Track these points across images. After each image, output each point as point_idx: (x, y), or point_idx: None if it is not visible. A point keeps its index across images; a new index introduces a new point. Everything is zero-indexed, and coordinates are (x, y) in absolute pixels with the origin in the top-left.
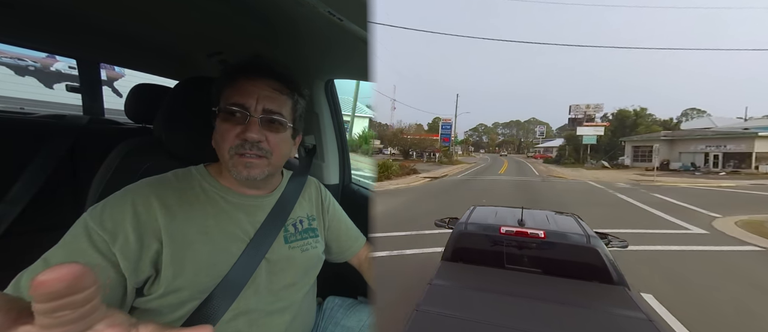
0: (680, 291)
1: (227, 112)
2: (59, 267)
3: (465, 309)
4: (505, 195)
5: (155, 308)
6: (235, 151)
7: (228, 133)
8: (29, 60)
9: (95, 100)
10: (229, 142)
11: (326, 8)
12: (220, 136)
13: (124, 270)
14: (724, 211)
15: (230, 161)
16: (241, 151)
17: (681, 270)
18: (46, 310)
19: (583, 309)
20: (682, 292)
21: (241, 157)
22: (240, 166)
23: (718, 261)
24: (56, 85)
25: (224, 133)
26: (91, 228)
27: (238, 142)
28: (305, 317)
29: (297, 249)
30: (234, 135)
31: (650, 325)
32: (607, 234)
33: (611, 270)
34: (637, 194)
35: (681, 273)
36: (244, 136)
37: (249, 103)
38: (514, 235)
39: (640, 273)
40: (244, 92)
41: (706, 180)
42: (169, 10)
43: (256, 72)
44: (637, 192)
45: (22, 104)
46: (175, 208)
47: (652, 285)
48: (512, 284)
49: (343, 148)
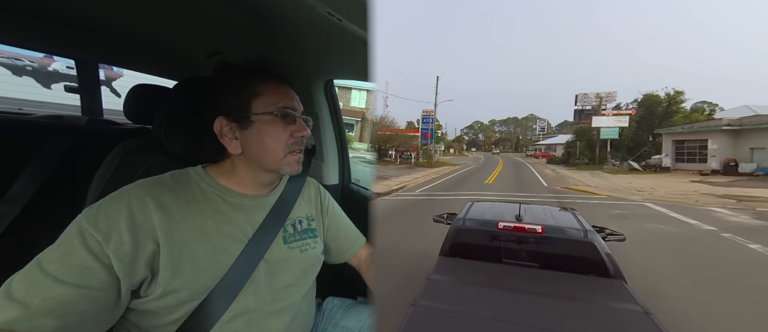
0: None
1: (283, 115)
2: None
3: (463, 303)
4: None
5: (153, 309)
6: (290, 149)
7: (282, 133)
8: (27, 60)
9: (94, 100)
10: (285, 141)
11: (326, 8)
12: (273, 137)
13: (117, 271)
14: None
15: (284, 159)
16: (295, 149)
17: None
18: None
19: (581, 303)
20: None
21: (294, 154)
22: (293, 163)
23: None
24: (54, 85)
25: (279, 134)
26: (85, 229)
27: (293, 140)
28: (304, 317)
29: (296, 250)
30: (288, 134)
31: (647, 318)
32: (604, 229)
33: (608, 264)
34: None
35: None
36: (300, 134)
37: (295, 105)
38: (512, 230)
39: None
40: (286, 95)
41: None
42: (168, 10)
43: (279, 76)
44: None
45: (20, 104)
46: (172, 209)
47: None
48: (510, 279)
49: (343, 149)
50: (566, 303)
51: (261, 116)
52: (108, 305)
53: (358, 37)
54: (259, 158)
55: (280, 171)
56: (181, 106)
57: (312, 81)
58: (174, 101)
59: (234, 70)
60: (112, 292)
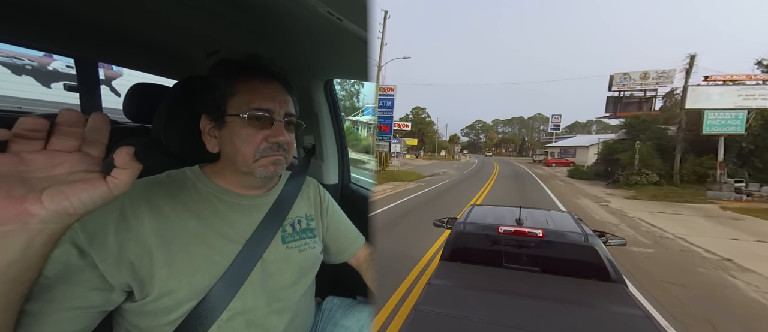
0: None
1: (254, 117)
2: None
3: (464, 308)
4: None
5: (151, 310)
6: (262, 153)
7: (253, 137)
8: (26, 59)
9: (93, 99)
10: (255, 146)
11: (326, 8)
12: (243, 140)
13: (103, 272)
14: None
15: (254, 164)
16: (268, 153)
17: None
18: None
19: (582, 307)
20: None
21: (268, 157)
22: (268, 166)
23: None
24: (53, 83)
25: (249, 138)
26: (73, 227)
27: (266, 145)
28: (304, 317)
29: (294, 250)
30: (260, 138)
31: (648, 322)
32: (604, 233)
33: (609, 268)
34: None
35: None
36: (275, 139)
37: (274, 106)
38: (513, 234)
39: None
40: (266, 96)
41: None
42: (168, 8)
43: (269, 74)
44: None
45: (19, 103)
46: (167, 210)
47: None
48: (511, 283)
49: (343, 148)
50: (567, 308)
51: (233, 118)
52: (95, 304)
53: (358, 37)
54: (232, 159)
55: (254, 174)
56: (180, 106)
57: (312, 80)
58: (173, 100)
59: (221, 65)
60: (101, 291)
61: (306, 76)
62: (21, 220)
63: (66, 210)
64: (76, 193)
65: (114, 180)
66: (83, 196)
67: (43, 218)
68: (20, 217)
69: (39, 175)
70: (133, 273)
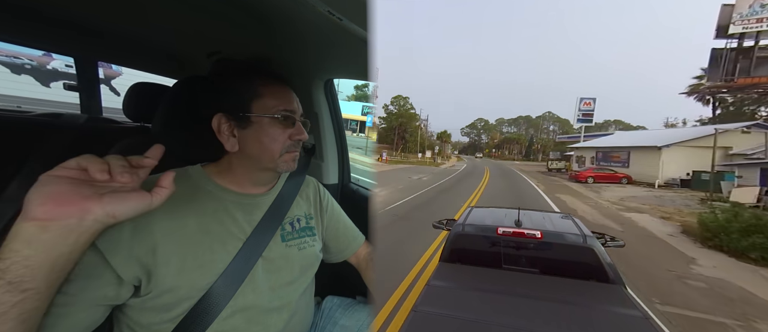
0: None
1: (283, 117)
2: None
3: (463, 309)
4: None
5: (152, 306)
6: (287, 150)
7: (280, 135)
8: (25, 58)
9: (93, 98)
10: (281, 143)
11: (326, 8)
12: (271, 138)
13: (114, 267)
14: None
15: (280, 159)
16: (291, 150)
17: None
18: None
19: (581, 308)
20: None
21: (290, 153)
22: (290, 161)
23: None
24: (53, 83)
25: (277, 136)
26: None
27: (291, 142)
28: (303, 315)
29: (294, 248)
30: (286, 136)
31: (646, 323)
32: (603, 234)
33: (608, 269)
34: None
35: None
36: (298, 137)
37: (294, 107)
38: (512, 236)
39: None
40: (286, 98)
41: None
42: (168, 8)
43: (279, 77)
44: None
45: (18, 102)
46: (171, 208)
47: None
48: (510, 284)
49: (343, 148)
50: (566, 309)
51: (261, 118)
52: (104, 299)
53: (358, 37)
54: (256, 157)
55: (276, 169)
56: (180, 105)
57: (312, 80)
58: (174, 100)
59: (235, 67)
60: (111, 286)
61: (306, 76)
62: (80, 216)
63: (114, 213)
64: (127, 201)
65: (158, 196)
66: (131, 205)
67: (97, 217)
68: (81, 213)
69: (100, 184)
70: (141, 268)
